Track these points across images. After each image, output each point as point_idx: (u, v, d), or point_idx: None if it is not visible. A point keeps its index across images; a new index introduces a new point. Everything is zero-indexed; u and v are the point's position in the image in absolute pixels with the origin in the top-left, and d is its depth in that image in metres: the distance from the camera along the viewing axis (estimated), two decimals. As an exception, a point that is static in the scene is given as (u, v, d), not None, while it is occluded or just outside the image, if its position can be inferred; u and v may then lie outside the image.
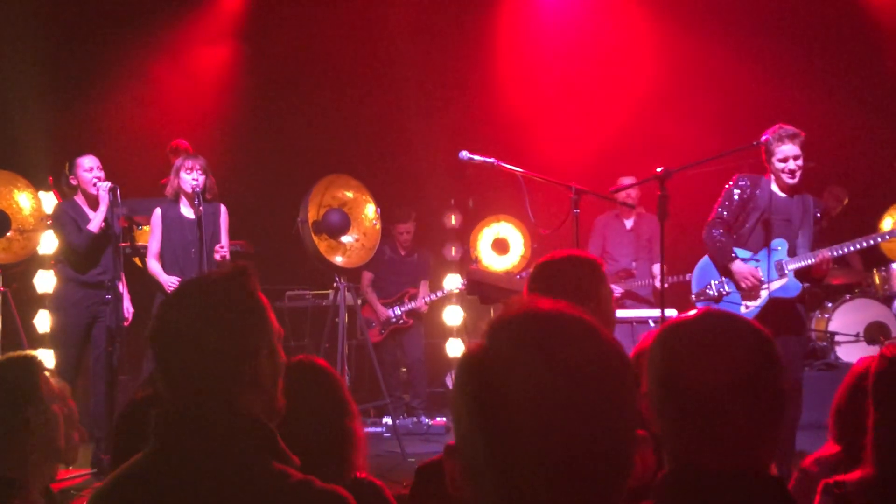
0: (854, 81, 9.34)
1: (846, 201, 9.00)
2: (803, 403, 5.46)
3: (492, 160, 5.28)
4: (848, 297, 8.35)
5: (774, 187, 5.69)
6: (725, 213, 5.71)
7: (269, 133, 9.66)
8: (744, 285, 5.63)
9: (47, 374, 2.68)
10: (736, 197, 5.70)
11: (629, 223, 8.10)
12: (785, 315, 5.56)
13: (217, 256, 6.42)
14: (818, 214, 5.71)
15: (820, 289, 8.83)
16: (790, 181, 5.56)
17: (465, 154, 5.33)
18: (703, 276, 5.85)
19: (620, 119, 9.16)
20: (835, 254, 5.57)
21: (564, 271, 2.84)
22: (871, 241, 5.88)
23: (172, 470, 1.75)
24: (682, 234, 7.00)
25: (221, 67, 9.77)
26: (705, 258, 5.88)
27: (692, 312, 1.66)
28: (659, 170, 4.76)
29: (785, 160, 5.51)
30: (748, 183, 5.71)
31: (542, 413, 1.11)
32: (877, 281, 8.58)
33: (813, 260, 5.55)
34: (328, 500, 1.77)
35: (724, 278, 5.74)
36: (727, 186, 5.76)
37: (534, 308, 1.20)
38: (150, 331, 1.85)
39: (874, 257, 8.95)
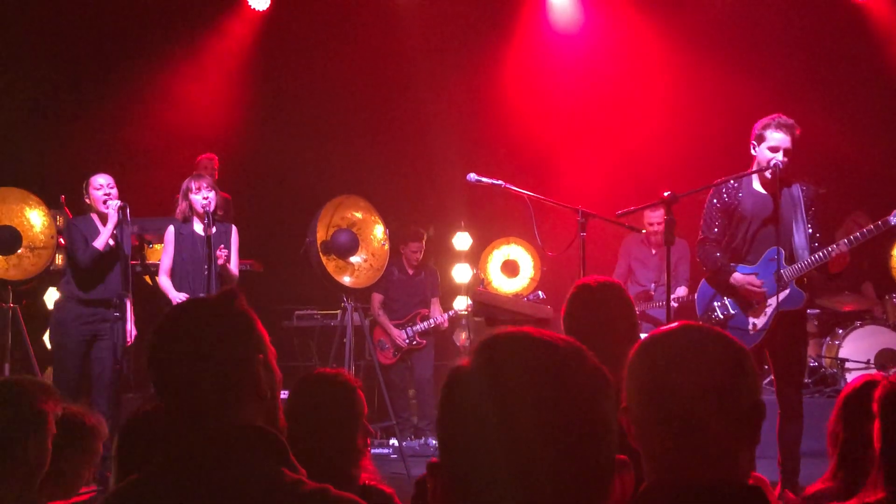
0: (866, 103, 9.33)
1: None
2: (812, 432, 5.36)
3: (499, 182, 5.30)
4: (858, 323, 8.31)
5: (756, 185, 5.38)
6: (715, 228, 5.41)
7: (280, 153, 9.70)
8: (746, 296, 5.35)
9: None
10: (717, 204, 5.38)
11: (655, 248, 8.05)
12: (793, 327, 5.35)
13: (220, 262, 6.35)
14: (809, 203, 5.32)
15: (830, 310, 8.78)
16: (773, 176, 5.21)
17: (472, 176, 5.36)
18: (705, 298, 5.61)
19: (633, 142, 9.17)
20: (847, 247, 5.15)
21: (604, 300, 3.03)
22: (882, 226, 5.33)
23: (182, 483, 1.72)
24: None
25: (233, 88, 9.83)
26: (704, 282, 5.64)
27: (670, 326, 1.71)
28: (666, 194, 4.75)
29: (776, 150, 5.18)
30: (730, 184, 5.37)
31: (518, 431, 1.11)
32: (888, 308, 8.55)
33: (819, 258, 5.19)
34: None
35: (726, 299, 5.48)
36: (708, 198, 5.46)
37: (519, 331, 1.21)
38: (146, 358, 1.86)
39: (885, 285, 8.91)
